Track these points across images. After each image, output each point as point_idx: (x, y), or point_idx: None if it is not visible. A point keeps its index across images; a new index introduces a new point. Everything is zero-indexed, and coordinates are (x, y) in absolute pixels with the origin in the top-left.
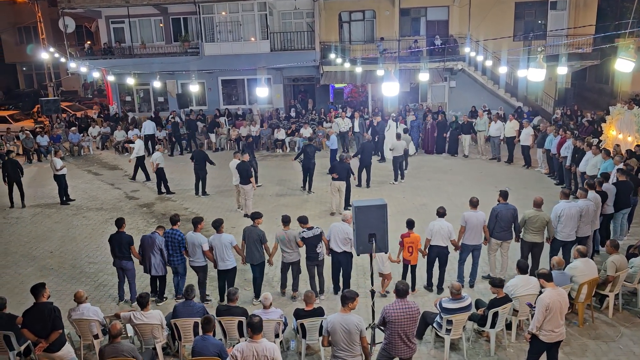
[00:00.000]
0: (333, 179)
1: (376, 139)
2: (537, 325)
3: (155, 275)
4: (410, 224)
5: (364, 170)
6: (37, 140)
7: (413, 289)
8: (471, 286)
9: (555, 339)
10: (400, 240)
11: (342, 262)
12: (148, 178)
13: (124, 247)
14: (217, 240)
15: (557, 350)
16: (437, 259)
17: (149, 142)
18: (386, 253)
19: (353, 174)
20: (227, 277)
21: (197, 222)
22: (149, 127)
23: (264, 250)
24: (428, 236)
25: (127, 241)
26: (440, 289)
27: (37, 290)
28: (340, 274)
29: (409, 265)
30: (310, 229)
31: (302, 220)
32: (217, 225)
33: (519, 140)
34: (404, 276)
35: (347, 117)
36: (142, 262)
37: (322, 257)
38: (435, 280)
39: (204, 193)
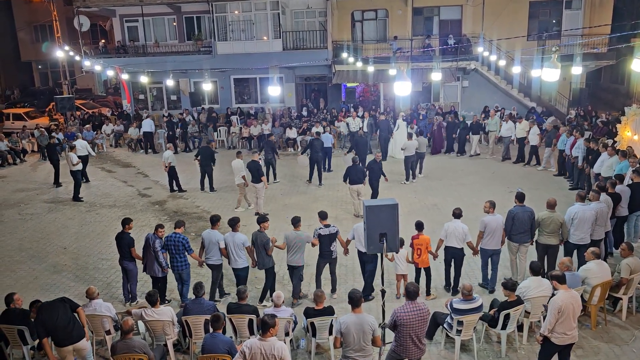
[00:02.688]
0: (350, 183)
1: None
2: (549, 328)
3: (154, 276)
4: (419, 226)
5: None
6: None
7: (428, 293)
8: (490, 292)
9: (567, 341)
10: (411, 242)
11: (368, 262)
12: (87, 180)
13: (124, 248)
14: (230, 239)
15: (569, 353)
16: (452, 260)
17: (148, 140)
18: (397, 253)
19: (384, 175)
20: (237, 275)
21: (215, 220)
22: (146, 125)
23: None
24: (442, 237)
25: (127, 242)
26: (455, 291)
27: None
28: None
29: (421, 269)
30: (327, 226)
31: (322, 216)
32: (233, 223)
33: (529, 141)
34: (416, 279)
35: (357, 116)
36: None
37: (335, 255)
38: (451, 282)
39: (212, 189)
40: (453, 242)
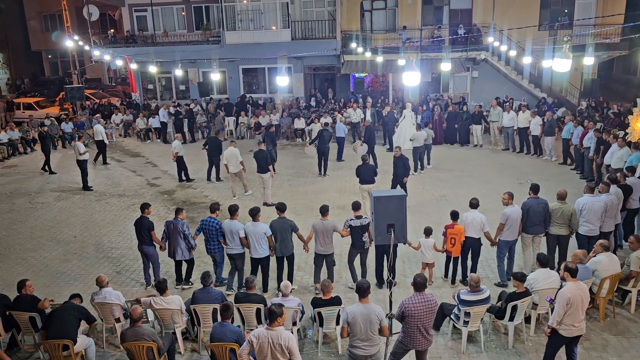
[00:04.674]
0: (360, 182)
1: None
2: (557, 320)
3: (181, 259)
4: (454, 216)
5: (370, 154)
6: (62, 127)
7: (453, 281)
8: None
9: (574, 333)
10: (444, 231)
11: (387, 252)
12: (105, 162)
13: (144, 232)
14: (252, 228)
15: (577, 344)
16: (470, 250)
17: (162, 130)
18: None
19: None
20: (259, 265)
21: (233, 210)
22: (163, 114)
23: (294, 240)
24: None
25: (147, 227)
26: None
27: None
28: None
29: (452, 257)
30: (359, 217)
31: (354, 207)
32: (254, 213)
33: (531, 132)
34: (446, 264)
35: (358, 107)
36: (167, 247)
37: (367, 246)
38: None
39: (218, 179)
40: (471, 233)
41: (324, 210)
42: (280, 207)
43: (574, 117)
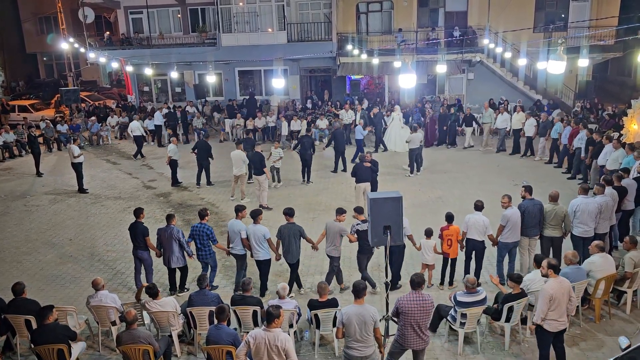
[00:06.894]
0: (356, 181)
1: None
2: (541, 316)
3: (176, 267)
4: (449, 218)
5: (340, 157)
6: (57, 129)
7: (451, 283)
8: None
9: (559, 327)
10: (440, 233)
11: (394, 253)
12: (142, 155)
13: (138, 237)
14: (251, 230)
15: (562, 339)
16: (473, 252)
17: (157, 133)
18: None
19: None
20: (259, 267)
21: (238, 210)
22: (158, 117)
23: (303, 245)
24: (464, 229)
25: (142, 232)
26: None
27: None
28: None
29: (449, 259)
30: (364, 221)
31: (358, 211)
32: (255, 215)
33: (524, 133)
34: (443, 269)
35: (350, 109)
36: (161, 255)
37: (373, 251)
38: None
39: (209, 183)
40: (474, 235)
41: (339, 212)
42: (289, 212)
43: (561, 118)
